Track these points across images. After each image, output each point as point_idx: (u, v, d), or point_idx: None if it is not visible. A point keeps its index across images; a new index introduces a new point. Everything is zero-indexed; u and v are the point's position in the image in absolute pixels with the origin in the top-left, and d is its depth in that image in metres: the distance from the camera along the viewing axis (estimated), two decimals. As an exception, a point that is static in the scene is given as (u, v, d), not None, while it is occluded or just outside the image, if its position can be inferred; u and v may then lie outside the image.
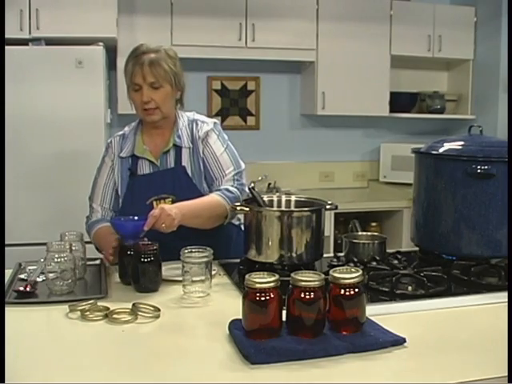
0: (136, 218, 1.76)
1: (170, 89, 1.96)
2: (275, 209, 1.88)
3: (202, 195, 1.95)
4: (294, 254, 1.72)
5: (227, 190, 1.95)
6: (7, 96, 3.14)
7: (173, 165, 2.01)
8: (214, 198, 1.92)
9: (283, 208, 1.91)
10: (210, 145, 2.02)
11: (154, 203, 1.95)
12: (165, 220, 1.71)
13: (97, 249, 1.97)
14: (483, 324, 1.40)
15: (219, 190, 1.94)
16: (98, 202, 2.05)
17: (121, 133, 2.11)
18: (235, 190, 1.97)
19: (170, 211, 1.72)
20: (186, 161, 2.01)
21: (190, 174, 2.00)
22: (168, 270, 1.72)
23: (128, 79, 1.97)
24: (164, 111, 1.98)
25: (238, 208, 1.78)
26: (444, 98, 4.49)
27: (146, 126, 2.06)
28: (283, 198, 1.96)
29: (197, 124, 2.05)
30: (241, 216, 1.94)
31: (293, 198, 1.95)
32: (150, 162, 2.02)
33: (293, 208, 1.90)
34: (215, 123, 2.08)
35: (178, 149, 2.01)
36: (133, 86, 1.95)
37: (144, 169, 2.02)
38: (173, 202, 1.92)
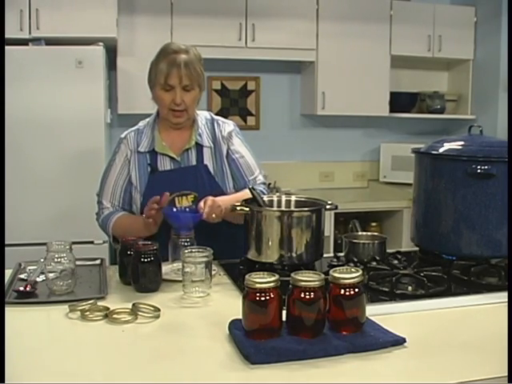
0: (187, 209, 1.86)
1: (198, 91, 1.99)
2: (275, 209, 1.88)
3: (224, 194, 1.99)
4: (293, 254, 1.72)
5: (261, 191, 2.01)
6: (7, 96, 3.14)
7: (194, 163, 2.03)
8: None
9: (283, 208, 1.91)
10: (236, 146, 2.09)
11: (176, 199, 1.95)
12: (215, 211, 1.80)
13: (114, 239, 2.01)
14: (483, 324, 1.40)
15: (254, 188, 1.90)
16: (107, 199, 2.06)
17: (135, 128, 2.10)
18: (265, 192, 2.07)
19: (219, 203, 1.82)
20: (207, 159, 2.04)
21: (212, 172, 2.02)
22: (168, 270, 1.72)
23: (161, 78, 1.94)
24: (190, 113, 2.01)
25: (238, 208, 1.78)
26: (444, 98, 4.49)
27: (164, 124, 2.06)
28: (283, 198, 1.96)
29: (218, 124, 2.10)
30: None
31: (293, 198, 1.95)
32: (171, 158, 2.03)
33: (293, 208, 1.89)
34: (234, 124, 2.14)
35: (199, 147, 2.04)
36: (165, 86, 1.94)
37: (165, 165, 2.03)
38: (195, 198, 1.94)
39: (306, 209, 1.77)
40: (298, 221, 1.72)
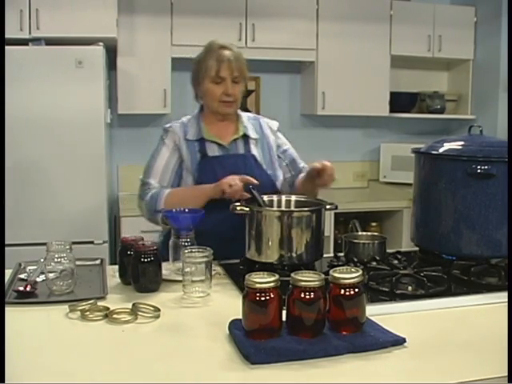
0: (186, 210, 1.84)
1: (243, 85, 2.11)
2: (275, 209, 1.88)
3: (272, 182, 2.09)
4: (293, 254, 1.72)
5: None
6: (7, 96, 3.13)
7: (242, 152, 2.11)
8: None
9: (283, 208, 1.91)
10: (283, 140, 2.31)
11: None
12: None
13: (163, 223, 2.01)
14: (483, 324, 1.40)
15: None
16: (156, 179, 2.08)
17: (180, 121, 2.17)
18: None
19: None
20: (253, 150, 2.14)
21: (259, 161, 2.11)
22: (168, 270, 1.72)
23: (212, 72, 2.04)
24: (238, 105, 2.13)
25: (238, 208, 1.78)
26: (444, 98, 4.49)
27: (209, 117, 2.14)
28: (283, 198, 1.96)
29: (265, 121, 2.26)
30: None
31: (293, 198, 1.96)
32: (219, 145, 2.10)
33: (293, 208, 1.90)
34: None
35: (246, 138, 2.13)
36: (216, 78, 2.05)
37: (213, 152, 2.10)
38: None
39: (306, 209, 1.77)
40: (297, 221, 1.72)
